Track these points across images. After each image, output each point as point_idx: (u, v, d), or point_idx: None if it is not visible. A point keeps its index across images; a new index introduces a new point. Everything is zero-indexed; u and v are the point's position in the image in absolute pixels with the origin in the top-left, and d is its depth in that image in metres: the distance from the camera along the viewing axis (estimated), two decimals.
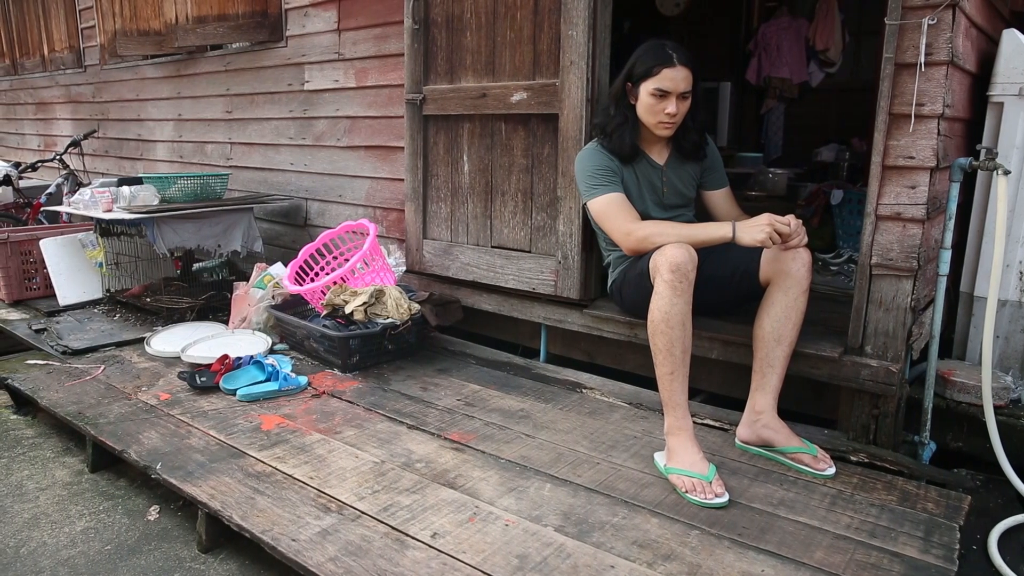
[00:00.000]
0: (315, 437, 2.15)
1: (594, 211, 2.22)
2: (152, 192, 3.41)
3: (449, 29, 2.86)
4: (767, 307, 2.00)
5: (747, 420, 2.05)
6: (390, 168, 3.34)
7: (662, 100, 2.12)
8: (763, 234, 1.89)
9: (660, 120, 2.16)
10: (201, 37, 4.07)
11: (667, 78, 2.10)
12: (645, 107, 2.16)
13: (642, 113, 2.19)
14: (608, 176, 2.20)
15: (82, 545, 1.86)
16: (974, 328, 2.37)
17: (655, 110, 2.15)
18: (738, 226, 1.95)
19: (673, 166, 2.32)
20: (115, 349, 3.00)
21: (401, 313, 2.71)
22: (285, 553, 1.59)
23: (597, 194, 2.20)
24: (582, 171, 2.25)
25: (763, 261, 2.05)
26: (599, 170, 2.21)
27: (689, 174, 2.35)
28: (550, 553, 1.58)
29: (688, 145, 2.29)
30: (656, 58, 2.11)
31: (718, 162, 2.41)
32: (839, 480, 1.91)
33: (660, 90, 2.11)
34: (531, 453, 2.05)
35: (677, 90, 2.11)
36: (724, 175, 2.42)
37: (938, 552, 1.60)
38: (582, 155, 2.29)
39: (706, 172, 2.39)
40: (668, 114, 2.13)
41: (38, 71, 6.17)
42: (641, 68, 2.14)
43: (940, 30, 1.87)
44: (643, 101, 2.16)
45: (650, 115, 2.17)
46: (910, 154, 1.95)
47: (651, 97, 2.13)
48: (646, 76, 2.13)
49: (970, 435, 2.18)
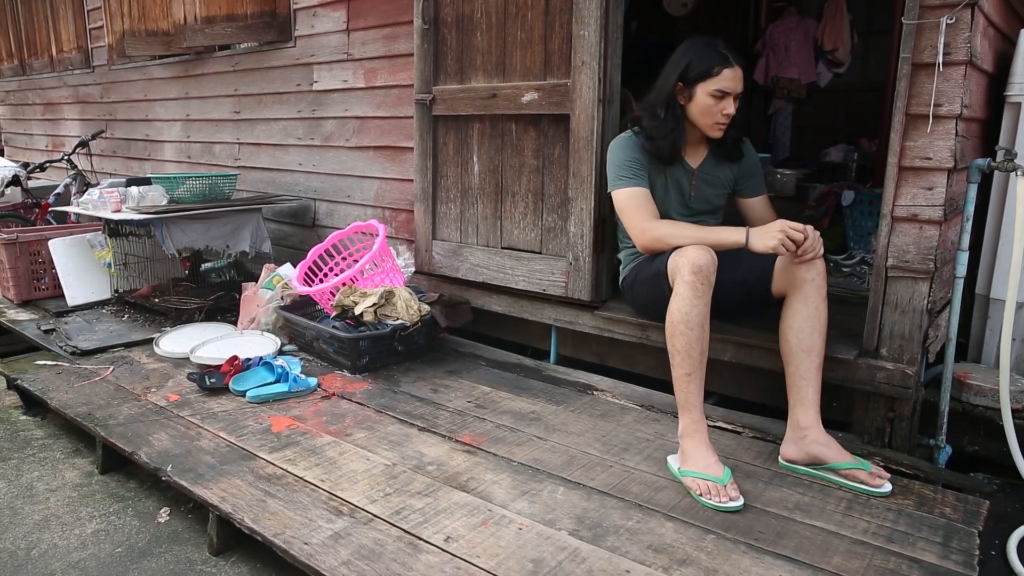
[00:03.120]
0: (326, 439, 2.14)
1: (616, 202, 2.21)
2: (161, 192, 3.40)
3: (459, 29, 2.85)
4: (789, 319, 1.95)
5: (792, 438, 1.95)
6: (399, 169, 3.33)
7: (720, 101, 2.08)
8: (775, 240, 1.87)
9: (717, 121, 2.12)
10: (209, 37, 4.07)
11: (727, 79, 2.06)
12: (701, 109, 2.11)
13: (696, 115, 2.14)
14: (636, 169, 2.18)
15: (92, 547, 1.85)
16: (990, 331, 2.35)
17: (712, 111, 2.10)
18: (752, 231, 1.93)
19: (706, 170, 2.27)
20: (124, 350, 2.99)
21: (411, 314, 2.70)
22: (298, 557, 1.58)
23: (621, 185, 2.18)
24: (612, 160, 2.22)
25: (776, 271, 2.03)
26: (628, 161, 2.18)
27: (722, 179, 2.30)
28: (565, 557, 1.57)
29: (728, 142, 2.24)
30: (715, 58, 2.06)
31: (756, 168, 2.36)
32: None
33: (720, 91, 2.07)
34: (543, 456, 2.04)
35: (736, 91, 2.08)
36: (762, 183, 2.36)
37: (957, 558, 1.58)
38: (616, 143, 2.25)
39: (743, 179, 2.34)
40: (726, 115, 2.10)
41: (46, 71, 6.18)
42: (698, 69, 2.08)
43: (958, 29, 1.85)
44: (700, 102, 2.11)
45: (706, 117, 2.12)
46: (927, 155, 1.94)
47: (710, 98, 2.08)
48: (704, 77, 2.07)
49: (987, 439, 2.16)
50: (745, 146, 2.32)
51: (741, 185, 2.35)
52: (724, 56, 2.07)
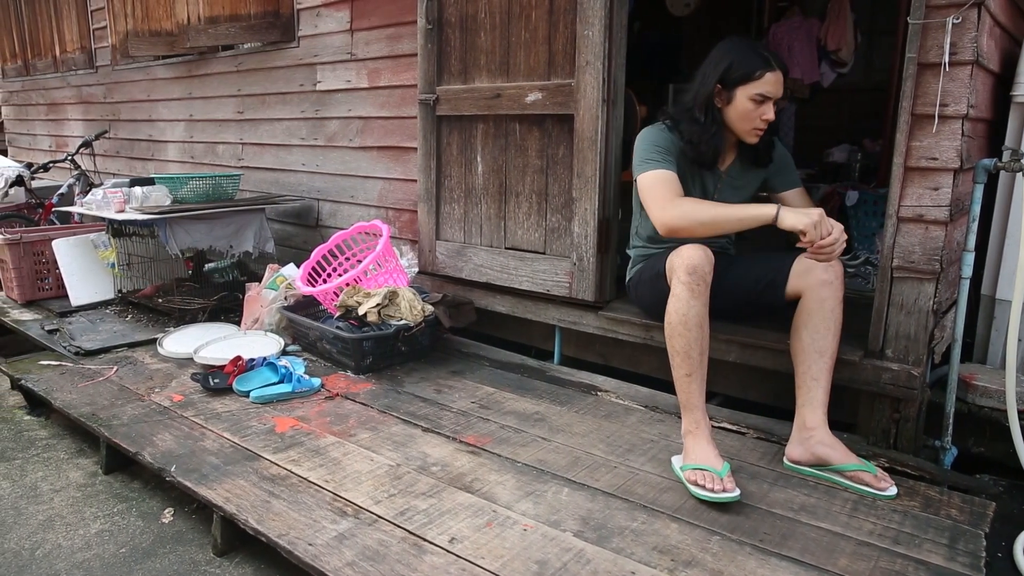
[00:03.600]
0: (329, 440, 2.14)
1: (640, 185, 2.09)
2: (164, 193, 3.40)
3: (463, 29, 2.84)
4: (804, 319, 1.93)
5: (798, 438, 1.94)
6: (403, 169, 3.32)
7: (760, 106, 2.01)
8: (809, 219, 1.77)
9: (755, 127, 2.05)
10: (213, 37, 4.07)
11: (769, 83, 2.00)
12: (740, 113, 2.04)
13: (734, 119, 2.07)
14: (665, 155, 2.08)
15: (97, 548, 1.85)
16: (996, 331, 2.34)
17: (751, 116, 2.03)
18: (783, 208, 1.85)
19: (734, 174, 2.23)
20: (128, 350, 2.99)
21: (415, 315, 2.70)
22: (302, 558, 1.57)
23: (648, 168, 2.06)
24: (642, 143, 2.11)
25: (793, 273, 2.01)
26: (659, 145, 2.09)
27: (750, 184, 2.26)
28: (570, 559, 1.57)
29: (762, 146, 2.17)
30: (757, 61, 2.00)
31: (788, 163, 2.28)
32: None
33: (761, 95, 2.00)
34: (547, 456, 2.03)
35: (777, 95, 2.02)
36: (796, 175, 2.29)
37: (964, 560, 1.57)
38: (646, 131, 2.15)
39: (773, 176, 2.28)
40: (765, 120, 2.03)
41: (50, 72, 6.19)
42: (740, 72, 2.01)
43: (965, 29, 1.84)
44: (739, 106, 2.04)
45: (744, 121, 2.05)
46: (933, 155, 1.93)
47: (750, 102, 2.01)
48: (745, 80, 2.00)
49: (992, 440, 2.15)
50: (776, 150, 2.24)
51: (773, 182, 2.28)
52: (767, 59, 2.00)
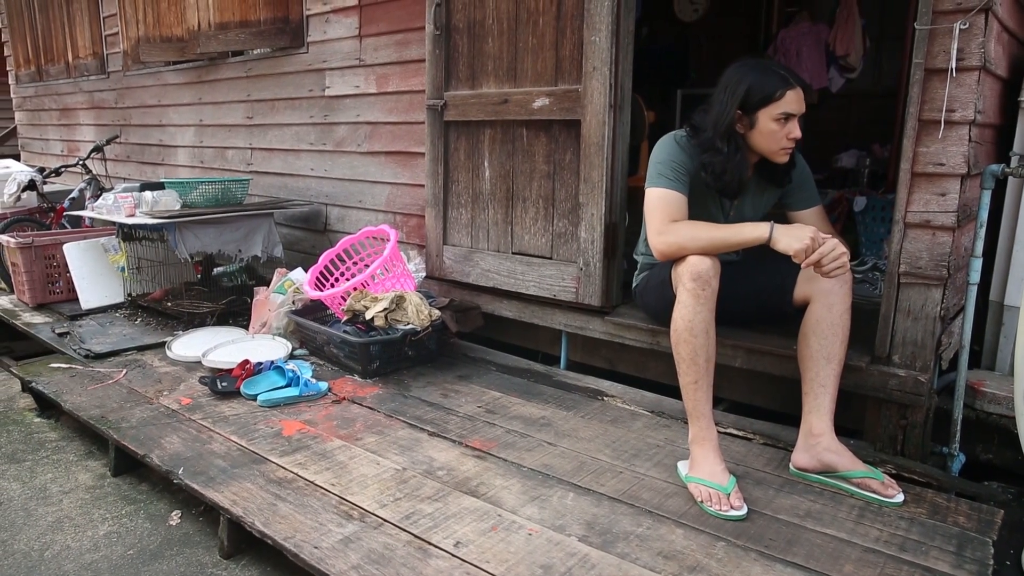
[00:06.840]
0: (336, 443, 2.15)
1: (647, 199, 2.06)
2: (174, 197, 3.43)
3: (471, 35, 2.86)
4: (812, 325, 1.92)
5: (804, 445, 1.93)
6: (411, 174, 3.34)
7: (786, 125, 1.96)
8: (800, 244, 1.75)
9: (783, 147, 1.99)
10: (223, 43, 4.10)
11: (791, 100, 1.94)
12: (766, 134, 1.98)
13: (760, 141, 2.00)
14: (679, 174, 2.04)
15: (105, 549, 1.86)
16: (1004, 338, 2.32)
17: (778, 136, 1.97)
18: (778, 227, 1.83)
19: (753, 191, 2.19)
20: (137, 353, 3.01)
21: (422, 319, 2.71)
22: (308, 560, 1.58)
23: (658, 184, 2.04)
24: (656, 156, 2.08)
25: (801, 278, 2.00)
26: (674, 163, 2.05)
27: (765, 203, 2.23)
28: (574, 564, 1.57)
29: (786, 167, 2.11)
30: (776, 81, 1.95)
31: (808, 180, 2.22)
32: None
33: (786, 114, 1.95)
34: (553, 461, 2.04)
35: (800, 111, 1.98)
36: (815, 193, 2.22)
37: (971, 567, 1.56)
38: (664, 141, 2.11)
39: (789, 193, 2.21)
40: (792, 139, 1.98)
41: (62, 77, 6.25)
42: (760, 94, 1.95)
43: (972, 35, 1.84)
44: (764, 128, 1.98)
45: (772, 142, 1.99)
46: (940, 161, 1.92)
47: (775, 123, 1.96)
48: (767, 102, 1.95)
49: (1001, 447, 2.14)
50: (796, 167, 2.18)
51: (790, 199, 2.22)
52: (784, 78, 1.95)
